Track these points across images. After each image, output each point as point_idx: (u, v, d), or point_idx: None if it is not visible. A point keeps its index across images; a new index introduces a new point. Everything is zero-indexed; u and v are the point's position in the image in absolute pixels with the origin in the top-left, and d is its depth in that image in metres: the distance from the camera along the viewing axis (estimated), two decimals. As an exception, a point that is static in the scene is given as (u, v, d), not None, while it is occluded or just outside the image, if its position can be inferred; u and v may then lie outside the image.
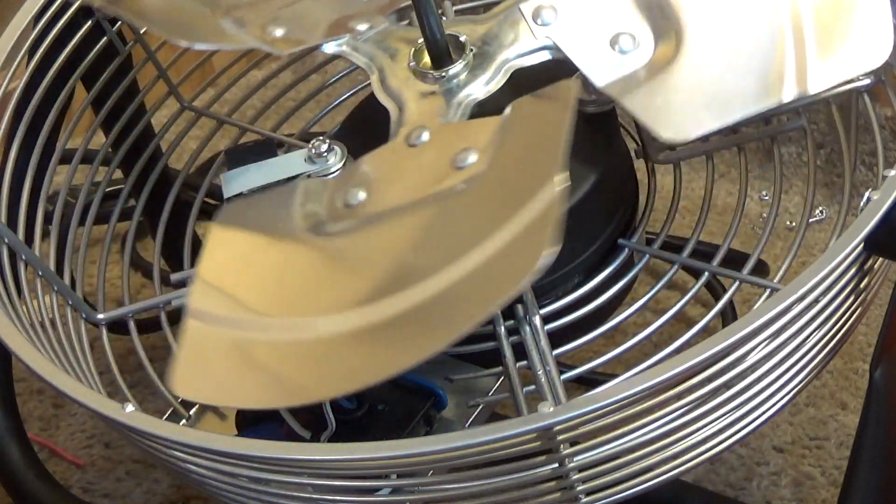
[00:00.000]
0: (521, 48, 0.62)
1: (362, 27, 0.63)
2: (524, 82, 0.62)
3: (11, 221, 0.65)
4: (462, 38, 0.63)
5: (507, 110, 0.58)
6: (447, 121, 0.60)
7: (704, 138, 0.60)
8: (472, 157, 0.56)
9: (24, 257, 0.64)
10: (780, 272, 0.60)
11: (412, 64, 0.63)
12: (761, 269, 0.80)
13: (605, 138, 0.63)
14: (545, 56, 0.62)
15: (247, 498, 0.54)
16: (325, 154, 0.63)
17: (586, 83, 0.60)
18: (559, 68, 0.61)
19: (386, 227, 0.56)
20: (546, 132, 0.55)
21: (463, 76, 0.62)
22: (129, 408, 0.52)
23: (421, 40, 0.63)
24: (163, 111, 0.74)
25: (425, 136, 0.59)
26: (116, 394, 0.63)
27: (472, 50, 0.62)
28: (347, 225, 0.57)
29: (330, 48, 0.63)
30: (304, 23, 0.62)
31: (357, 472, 0.51)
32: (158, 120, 0.75)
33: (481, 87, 0.61)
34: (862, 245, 0.51)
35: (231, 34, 0.62)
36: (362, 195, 0.58)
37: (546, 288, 0.60)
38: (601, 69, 0.60)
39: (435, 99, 0.61)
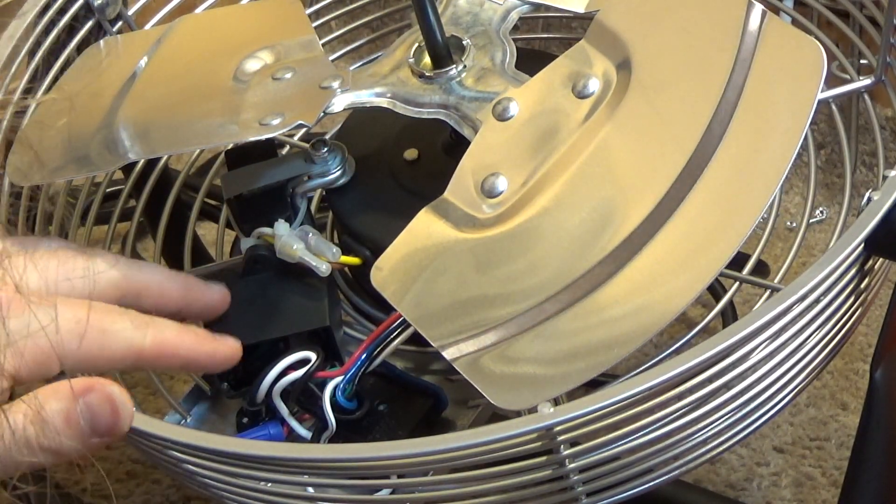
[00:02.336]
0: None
1: (334, 84, 0.63)
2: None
3: (12, 222, 0.65)
4: (464, 42, 0.64)
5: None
6: (505, 78, 0.61)
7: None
8: (594, 83, 0.57)
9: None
10: (781, 272, 0.60)
11: (415, 63, 0.63)
12: (762, 269, 0.80)
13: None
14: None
15: (247, 499, 0.54)
16: (326, 155, 0.63)
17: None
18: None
19: (559, 187, 0.57)
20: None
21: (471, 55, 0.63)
22: (130, 408, 0.52)
23: (416, 46, 0.63)
24: (163, 111, 0.74)
25: (512, 106, 0.60)
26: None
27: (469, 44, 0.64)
28: (510, 205, 0.57)
29: (340, 106, 0.63)
30: (289, 104, 0.62)
31: (357, 472, 0.51)
32: (159, 120, 0.75)
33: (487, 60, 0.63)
34: (862, 245, 0.51)
35: (234, 133, 0.62)
36: (502, 179, 0.58)
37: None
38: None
39: (473, 79, 0.62)
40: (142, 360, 0.54)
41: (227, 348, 0.57)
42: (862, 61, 0.74)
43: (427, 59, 0.63)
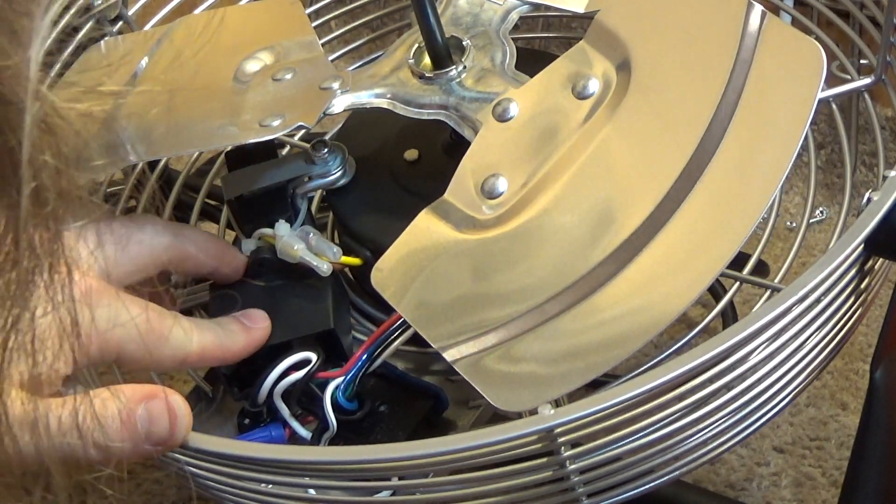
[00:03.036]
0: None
1: (334, 85, 0.63)
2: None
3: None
4: (464, 43, 0.63)
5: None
6: (504, 79, 0.61)
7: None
8: (594, 84, 0.57)
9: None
10: (781, 272, 0.60)
11: (415, 64, 0.63)
12: (762, 269, 0.80)
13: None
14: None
15: (248, 501, 0.54)
16: (326, 155, 0.63)
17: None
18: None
19: (559, 187, 0.57)
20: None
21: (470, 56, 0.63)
22: (131, 410, 0.52)
23: (416, 46, 0.63)
24: (163, 112, 0.74)
25: (512, 106, 0.60)
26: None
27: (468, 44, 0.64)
28: (510, 206, 0.57)
29: (339, 107, 0.63)
30: (289, 105, 0.62)
31: (358, 474, 0.51)
32: (159, 121, 0.75)
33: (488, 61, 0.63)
34: (862, 246, 0.51)
35: (234, 135, 0.62)
36: (502, 180, 0.58)
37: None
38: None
39: (474, 80, 0.62)
40: (187, 363, 0.56)
41: (260, 333, 0.58)
42: (862, 61, 0.74)
43: (427, 60, 0.63)
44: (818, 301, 0.51)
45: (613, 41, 0.60)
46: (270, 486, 0.52)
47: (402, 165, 0.65)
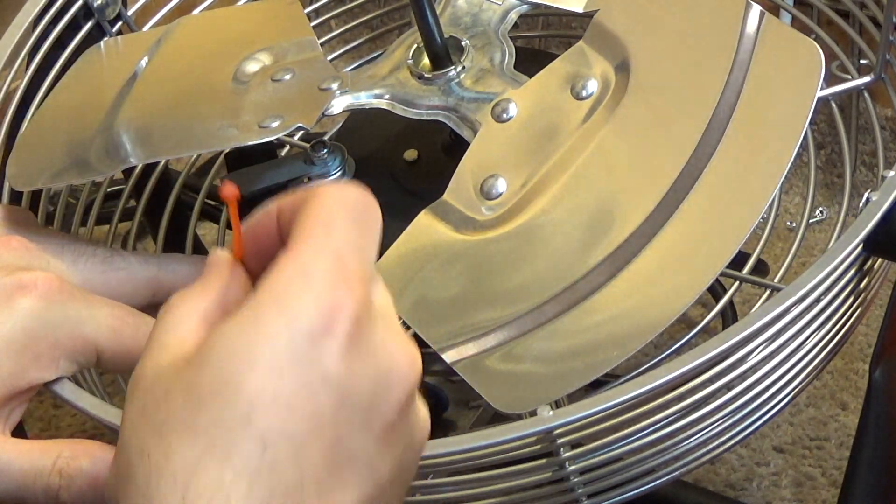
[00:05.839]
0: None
1: (333, 86, 0.63)
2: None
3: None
4: (463, 43, 0.64)
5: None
6: (503, 79, 0.61)
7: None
8: (593, 84, 0.57)
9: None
10: (781, 272, 0.60)
11: (413, 64, 0.63)
12: (762, 269, 0.80)
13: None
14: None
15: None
16: (326, 156, 0.63)
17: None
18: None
19: (558, 188, 0.57)
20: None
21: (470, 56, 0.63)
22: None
23: (415, 47, 0.63)
24: (163, 112, 0.74)
25: (511, 107, 0.60)
26: (117, 393, 0.63)
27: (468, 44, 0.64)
28: (509, 207, 0.57)
29: (339, 108, 0.63)
30: (288, 106, 0.62)
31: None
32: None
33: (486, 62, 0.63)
34: (861, 246, 0.51)
35: (234, 136, 0.62)
36: (501, 181, 0.58)
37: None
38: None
39: (472, 81, 0.62)
40: None
41: None
42: (862, 61, 0.74)
43: (426, 61, 0.63)
44: (818, 301, 0.51)
45: (612, 41, 0.60)
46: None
47: (402, 166, 0.65)
